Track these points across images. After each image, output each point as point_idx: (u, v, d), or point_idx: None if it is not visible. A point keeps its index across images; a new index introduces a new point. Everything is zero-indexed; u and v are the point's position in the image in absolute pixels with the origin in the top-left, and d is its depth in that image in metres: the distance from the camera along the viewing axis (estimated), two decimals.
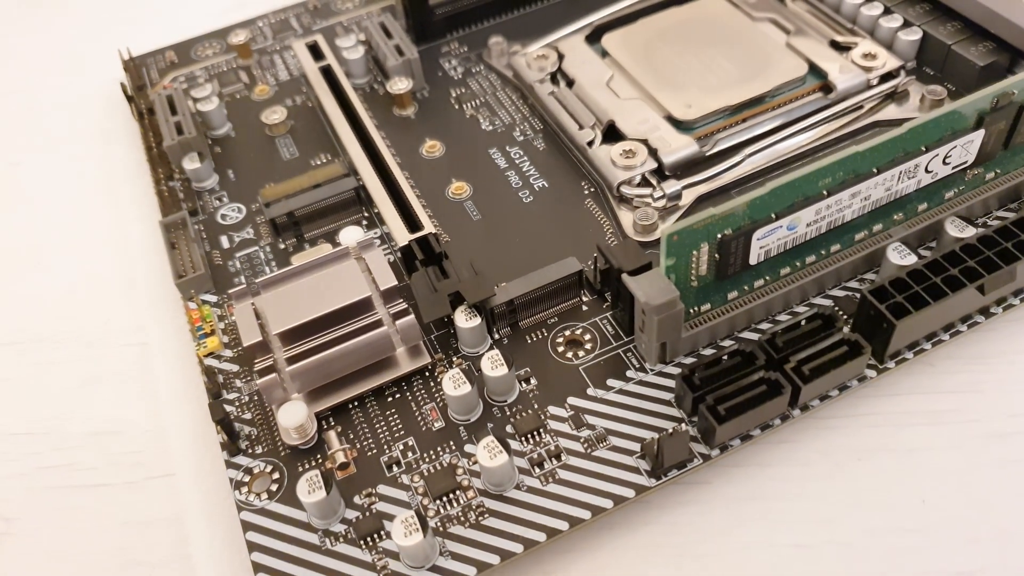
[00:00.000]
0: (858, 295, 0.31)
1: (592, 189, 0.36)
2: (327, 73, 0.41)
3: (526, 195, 0.36)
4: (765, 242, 0.28)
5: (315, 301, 0.30)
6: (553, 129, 0.39)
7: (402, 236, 0.32)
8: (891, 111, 0.37)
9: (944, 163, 0.30)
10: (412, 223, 0.33)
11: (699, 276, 0.28)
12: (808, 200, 0.28)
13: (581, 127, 0.37)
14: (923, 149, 0.28)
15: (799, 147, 0.36)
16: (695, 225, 0.26)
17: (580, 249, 0.34)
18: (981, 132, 0.29)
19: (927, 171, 0.29)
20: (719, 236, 0.27)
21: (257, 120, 0.41)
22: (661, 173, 0.35)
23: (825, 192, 0.28)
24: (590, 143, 0.36)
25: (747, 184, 0.35)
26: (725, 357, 0.27)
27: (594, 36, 0.42)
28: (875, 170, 0.28)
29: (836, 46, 0.39)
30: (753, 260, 0.28)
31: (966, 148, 0.29)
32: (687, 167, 0.35)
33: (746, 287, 0.29)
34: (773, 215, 0.27)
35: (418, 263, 0.32)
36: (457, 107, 0.41)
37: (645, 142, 0.36)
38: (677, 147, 0.35)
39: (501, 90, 0.42)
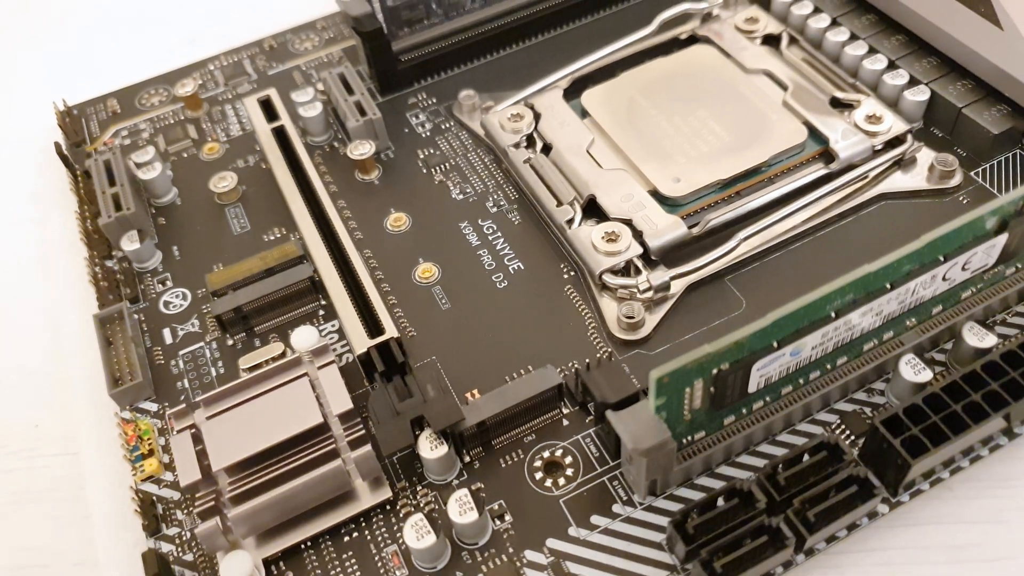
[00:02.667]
0: (866, 410, 0.28)
1: (572, 272, 0.33)
2: (281, 135, 0.37)
3: (500, 279, 0.33)
4: (766, 371, 0.25)
5: (262, 429, 0.27)
6: (529, 200, 0.35)
7: (360, 342, 0.29)
8: (898, 180, 0.34)
9: (963, 269, 0.27)
10: (373, 322, 0.30)
11: (692, 410, 0.25)
12: (814, 324, 0.24)
13: (560, 203, 0.34)
14: (941, 259, 0.25)
15: (798, 225, 0.33)
16: (688, 365, 0.23)
17: (560, 347, 0.31)
18: (1004, 236, 0.26)
19: (944, 279, 0.26)
20: (714, 372, 0.24)
21: (205, 186, 0.38)
22: (647, 257, 0.32)
23: (833, 314, 0.25)
24: (569, 222, 0.33)
25: (741, 270, 0.32)
26: (721, 499, 0.24)
27: (573, 89, 0.39)
28: (888, 286, 0.25)
29: (837, 103, 0.36)
30: (752, 388, 0.25)
31: (988, 253, 0.26)
32: (675, 250, 0.32)
33: (744, 410, 0.26)
34: (775, 343, 0.24)
35: (377, 376, 0.28)
36: (425, 171, 0.37)
37: (629, 223, 0.32)
38: (664, 229, 0.32)
39: (473, 151, 0.38)
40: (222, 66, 0.44)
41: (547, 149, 0.36)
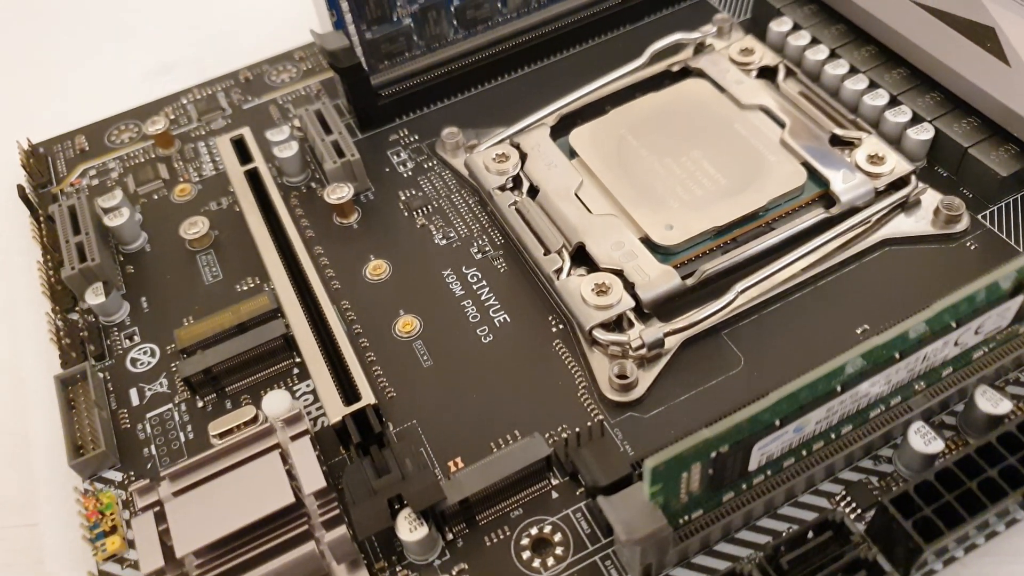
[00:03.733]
0: (873, 479, 0.26)
1: (561, 326, 0.31)
2: (254, 178, 0.35)
3: (485, 333, 0.31)
4: (768, 448, 0.23)
5: (230, 508, 0.25)
6: (516, 246, 0.34)
7: (335, 410, 0.27)
8: (902, 224, 0.32)
9: (976, 333, 0.25)
10: (349, 385, 0.28)
11: (689, 492, 0.23)
12: (819, 400, 0.23)
13: (547, 251, 0.32)
14: (953, 325, 0.24)
15: (798, 274, 0.32)
16: (685, 452, 0.21)
17: (549, 409, 0.29)
18: (1020, 298, 0.25)
19: (956, 344, 0.25)
20: (713, 455, 0.22)
21: (176, 230, 0.36)
22: (640, 309, 0.30)
23: (839, 388, 0.23)
24: (557, 272, 0.31)
25: (739, 323, 0.31)
26: None
27: (561, 126, 0.37)
28: (897, 355, 0.23)
29: (837, 141, 0.34)
30: (753, 466, 0.24)
31: (1002, 315, 0.25)
32: (669, 302, 0.31)
33: (744, 486, 0.25)
34: (777, 422, 0.22)
35: (353, 449, 0.27)
36: (407, 214, 0.36)
37: (620, 273, 0.31)
38: (657, 281, 0.30)
39: (457, 192, 0.36)
40: (195, 100, 0.42)
41: (534, 192, 0.35)
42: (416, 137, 0.39)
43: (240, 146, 0.37)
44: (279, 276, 0.31)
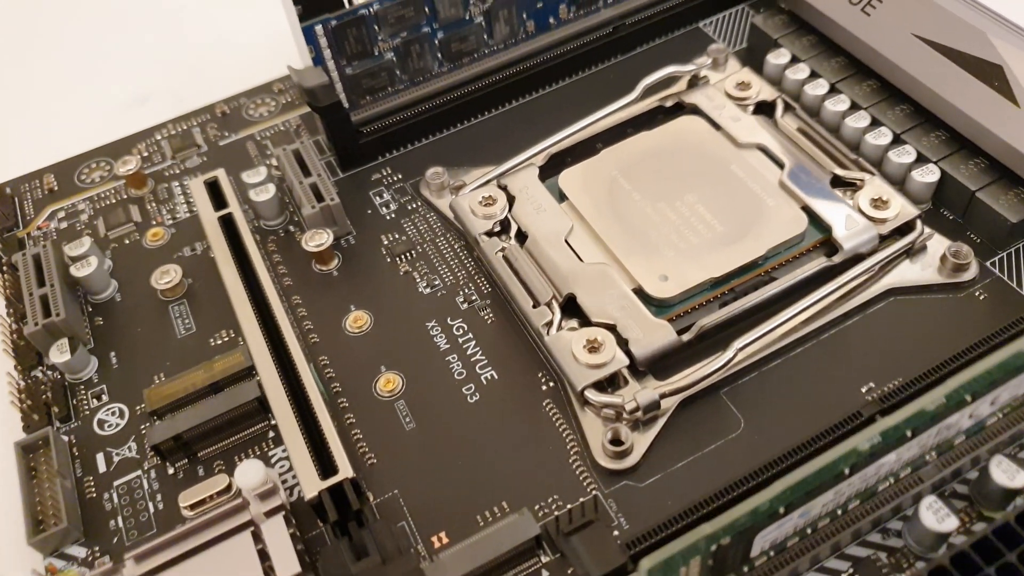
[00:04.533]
0: (882, 556, 0.25)
1: (552, 383, 0.30)
2: (230, 224, 0.34)
3: (471, 391, 0.30)
4: (771, 536, 0.22)
5: None
6: (503, 295, 0.32)
7: (311, 484, 0.26)
8: (907, 272, 0.31)
9: (991, 404, 0.24)
10: (325, 456, 0.27)
11: None
12: (825, 485, 0.21)
13: (536, 304, 0.30)
14: (968, 400, 0.22)
15: (799, 326, 0.30)
16: (684, 549, 0.19)
17: (538, 477, 0.27)
18: None
19: (970, 417, 0.23)
20: (713, 548, 0.20)
21: (148, 278, 0.34)
22: (633, 366, 0.29)
23: (847, 471, 0.21)
24: (548, 325, 0.30)
25: (738, 380, 0.29)
26: None
27: (551, 164, 0.36)
28: (908, 434, 0.22)
29: (838, 182, 0.33)
30: (755, 552, 0.22)
31: (1019, 386, 0.23)
32: (664, 358, 0.29)
33: (745, 568, 0.23)
34: (781, 510, 0.21)
35: (330, 527, 0.25)
36: (389, 260, 0.34)
37: (613, 328, 0.29)
38: (652, 337, 0.29)
39: (442, 235, 0.35)
40: (170, 135, 0.40)
41: (522, 237, 0.33)
42: (400, 176, 0.37)
43: (214, 189, 0.35)
44: (253, 335, 0.30)
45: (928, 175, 0.32)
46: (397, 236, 0.35)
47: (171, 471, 0.29)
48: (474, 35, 0.38)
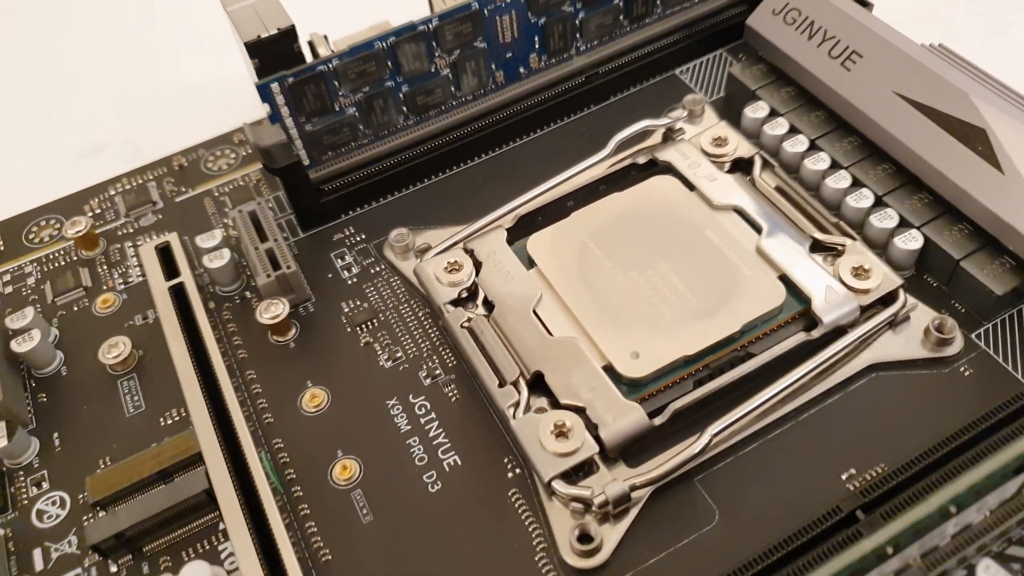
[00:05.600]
0: None
1: (519, 470, 0.28)
2: (181, 295, 0.32)
3: (432, 479, 0.28)
4: None
5: None
6: (468, 370, 0.31)
7: None
8: (890, 345, 0.30)
9: (977, 511, 0.22)
10: (275, 558, 0.25)
11: None
12: None
13: (502, 383, 0.29)
14: (952, 511, 0.21)
15: (776, 405, 0.29)
16: None
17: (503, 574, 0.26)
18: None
19: (955, 524, 0.22)
20: None
21: (96, 351, 0.32)
22: (604, 451, 0.27)
23: None
24: (514, 408, 0.28)
25: (713, 467, 0.28)
26: None
27: (520, 225, 0.34)
28: (889, 550, 0.21)
29: (818, 246, 0.32)
30: None
31: (1005, 491, 0.22)
32: (635, 443, 0.28)
33: None
34: None
35: None
36: (350, 329, 0.33)
37: (582, 411, 0.28)
38: (622, 422, 0.27)
39: (405, 302, 0.33)
40: (124, 190, 0.39)
41: (489, 305, 0.32)
42: (363, 236, 0.36)
43: (166, 255, 0.33)
44: (202, 422, 0.28)
45: (911, 242, 0.31)
46: (358, 303, 0.33)
47: (114, 569, 0.27)
48: (440, 88, 0.36)
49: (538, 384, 0.29)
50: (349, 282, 0.34)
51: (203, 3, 0.50)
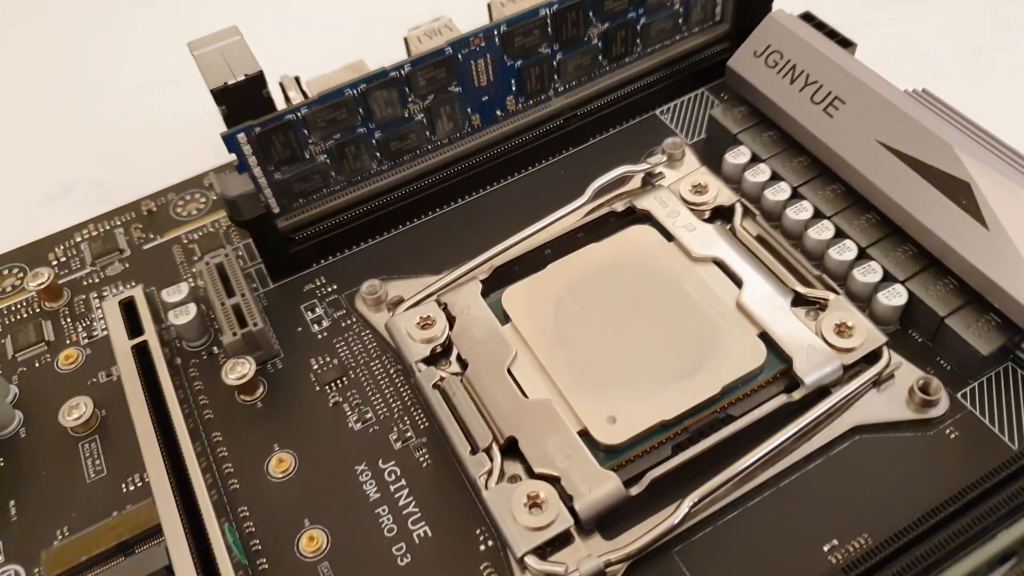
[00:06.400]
0: None
1: (491, 542, 0.27)
2: (145, 353, 0.31)
3: (402, 552, 0.27)
4: None
5: None
6: (440, 433, 0.30)
7: None
8: (874, 406, 0.29)
9: None
10: None
11: None
12: None
13: (474, 450, 0.28)
14: None
15: (756, 471, 0.28)
16: None
17: None
18: (1012, 561, 0.21)
19: None
20: None
21: (56, 414, 0.31)
22: (578, 523, 0.26)
23: None
24: (486, 477, 0.27)
25: (692, 537, 0.27)
26: None
27: (495, 276, 0.33)
28: None
29: (800, 300, 0.31)
30: None
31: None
32: (611, 513, 0.27)
33: None
34: None
35: None
36: (318, 388, 0.32)
37: (556, 480, 0.27)
38: (598, 494, 0.26)
39: (377, 358, 0.32)
40: (91, 237, 0.38)
41: (463, 362, 0.31)
42: (335, 287, 0.35)
43: (130, 311, 0.32)
44: (162, 493, 0.27)
45: (895, 298, 0.30)
46: (328, 359, 0.32)
47: None
48: (415, 133, 0.35)
49: (512, 448, 0.28)
50: (319, 336, 0.33)
51: (177, 38, 0.50)
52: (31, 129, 0.46)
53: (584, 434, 0.28)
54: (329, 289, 0.35)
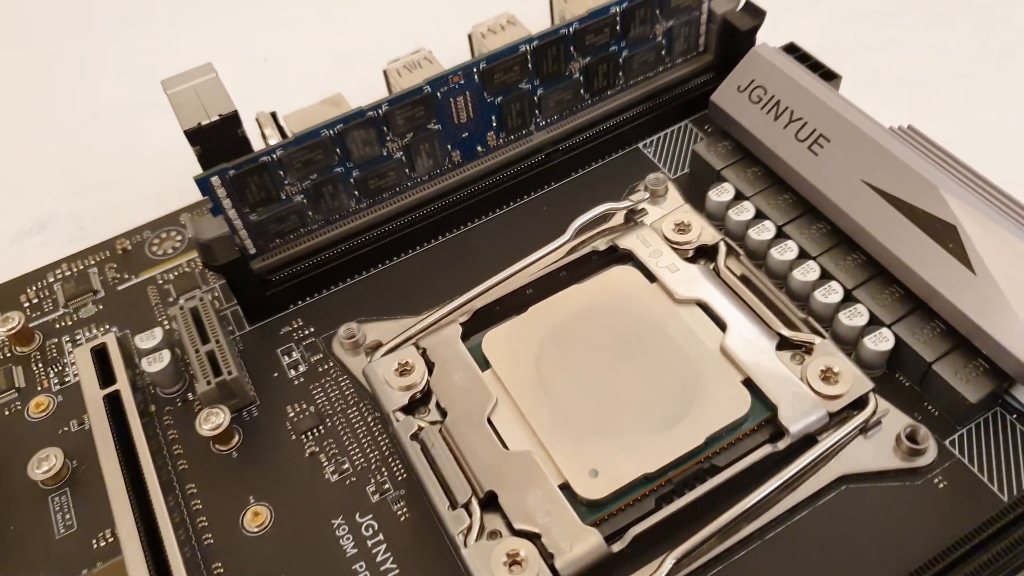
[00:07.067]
0: None
1: None
2: (117, 403, 0.30)
3: None
4: None
5: None
6: (418, 485, 0.29)
7: None
8: (860, 454, 0.28)
9: None
10: None
11: None
12: None
13: (453, 505, 0.27)
14: None
15: (740, 524, 0.27)
16: None
17: None
18: None
19: None
20: None
21: (25, 466, 0.30)
22: None
23: None
24: (465, 533, 0.27)
25: None
26: None
27: (476, 318, 0.32)
28: None
29: (786, 343, 0.30)
30: None
31: None
32: (593, 570, 0.26)
33: None
34: None
35: None
36: (295, 437, 0.31)
37: (537, 537, 0.26)
38: (579, 550, 0.26)
39: (354, 405, 0.32)
40: (64, 277, 0.37)
41: (442, 411, 0.30)
42: (312, 329, 0.34)
43: (102, 358, 0.32)
44: (133, 555, 0.26)
45: (882, 343, 0.29)
46: (304, 406, 0.32)
47: None
48: (394, 171, 0.35)
49: (492, 502, 0.28)
50: (296, 382, 0.32)
51: (155, 65, 0.49)
52: (4, 162, 0.45)
53: (565, 487, 0.27)
54: (307, 332, 0.34)
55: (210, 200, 0.32)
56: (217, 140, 0.32)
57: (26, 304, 0.36)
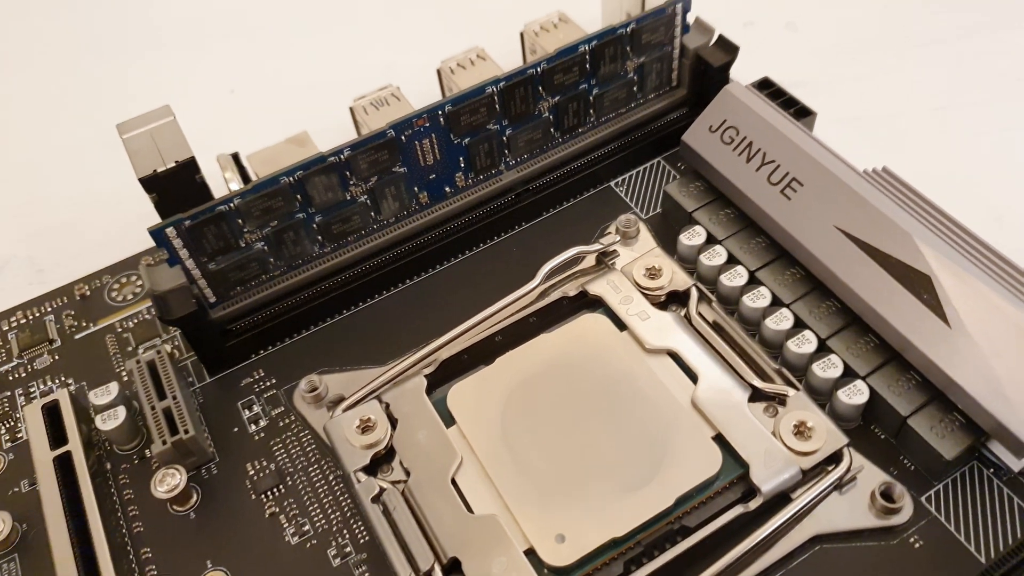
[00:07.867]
0: None
1: None
2: (68, 465, 0.29)
3: None
4: None
5: None
6: (381, 551, 0.28)
7: None
8: (834, 513, 0.27)
9: None
10: None
11: None
12: None
13: (416, 573, 0.26)
14: None
15: None
16: None
17: None
18: None
19: None
20: None
21: None
22: None
23: None
24: None
25: None
26: None
27: (442, 369, 0.32)
28: None
29: (759, 395, 0.30)
30: None
31: None
32: None
33: None
34: None
35: None
36: (254, 497, 0.30)
37: None
38: None
39: (315, 463, 0.31)
40: (19, 326, 0.36)
41: (406, 470, 0.29)
42: (274, 380, 0.33)
43: (54, 416, 0.31)
44: None
45: (856, 396, 0.29)
46: (265, 464, 0.31)
47: None
48: (358, 214, 0.34)
49: (455, 568, 0.27)
50: (256, 437, 0.31)
51: (117, 99, 0.48)
52: None
53: (531, 553, 0.27)
54: (268, 383, 0.33)
55: (163, 251, 0.31)
56: (174, 187, 0.31)
57: None
